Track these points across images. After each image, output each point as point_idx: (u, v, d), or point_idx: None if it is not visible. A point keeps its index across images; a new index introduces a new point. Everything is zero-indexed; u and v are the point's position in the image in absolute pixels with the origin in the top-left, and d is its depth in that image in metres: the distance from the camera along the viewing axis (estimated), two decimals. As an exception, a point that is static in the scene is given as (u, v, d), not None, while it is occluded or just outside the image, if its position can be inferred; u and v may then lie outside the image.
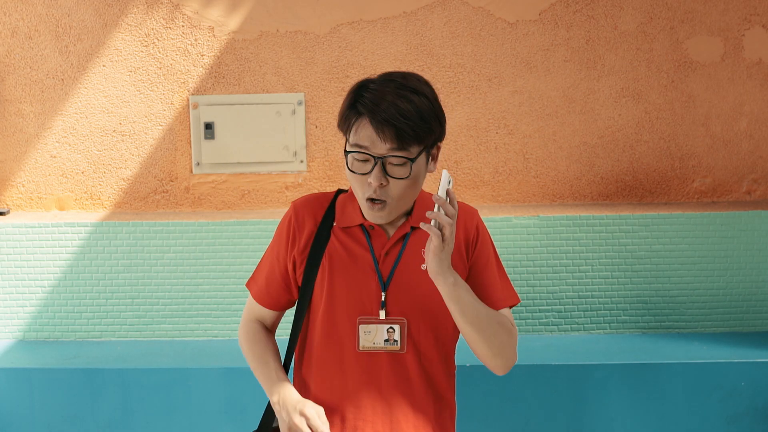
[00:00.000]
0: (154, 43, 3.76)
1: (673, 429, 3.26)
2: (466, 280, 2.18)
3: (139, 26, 3.75)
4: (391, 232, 2.18)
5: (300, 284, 2.22)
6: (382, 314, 2.12)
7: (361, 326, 2.13)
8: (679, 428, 3.26)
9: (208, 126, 3.77)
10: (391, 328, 2.12)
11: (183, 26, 3.75)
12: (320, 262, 2.18)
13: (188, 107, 3.78)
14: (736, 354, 3.32)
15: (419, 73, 3.75)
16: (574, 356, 3.33)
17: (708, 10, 3.75)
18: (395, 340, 2.12)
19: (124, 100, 3.78)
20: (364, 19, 3.75)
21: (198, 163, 3.80)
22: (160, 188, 3.82)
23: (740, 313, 3.59)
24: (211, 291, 3.59)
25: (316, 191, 3.81)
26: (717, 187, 3.83)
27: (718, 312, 3.58)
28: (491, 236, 2.28)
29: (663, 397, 3.25)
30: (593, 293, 3.58)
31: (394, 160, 2.03)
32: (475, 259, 2.19)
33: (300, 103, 3.77)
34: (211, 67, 3.76)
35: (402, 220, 2.18)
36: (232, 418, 3.26)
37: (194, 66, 3.77)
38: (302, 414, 2.09)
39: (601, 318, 3.58)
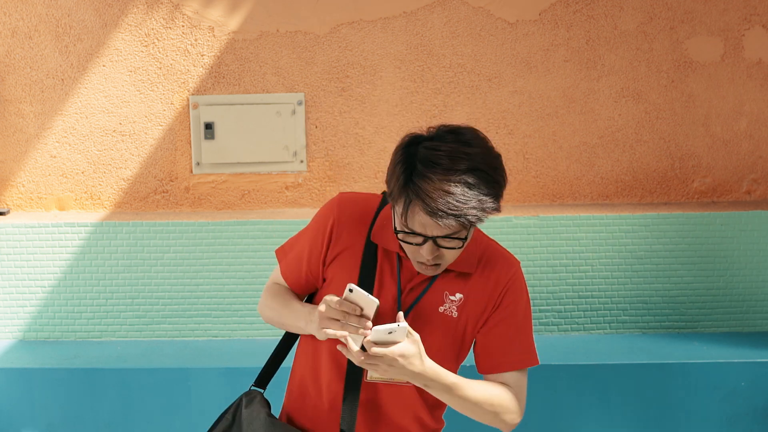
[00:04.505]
0: (154, 43, 3.76)
1: (673, 429, 3.26)
2: (478, 334, 2.15)
3: (139, 26, 3.75)
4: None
5: (325, 280, 2.21)
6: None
7: None
8: (679, 428, 3.26)
9: (208, 126, 3.77)
10: None
11: (183, 26, 3.75)
12: (346, 269, 2.16)
13: (188, 107, 3.78)
14: (736, 354, 3.32)
15: (419, 73, 3.77)
16: (574, 356, 3.33)
17: (708, 10, 3.75)
18: None
19: (124, 100, 3.78)
20: (364, 19, 3.75)
21: (198, 163, 3.80)
22: (160, 188, 3.82)
23: (740, 313, 3.59)
24: (211, 291, 3.59)
25: (317, 191, 3.82)
26: (717, 187, 3.83)
27: (718, 312, 3.58)
28: (527, 291, 2.20)
29: (663, 397, 3.25)
30: (593, 293, 3.58)
31: (448, 240, 2.00)
32: (494, 317, 2.14)
33: (300, 103, 3.77)
34: (211, 67, 3.76)
35: None
36: (232, 418, 3.26)
37: (194, 66, 3.77)
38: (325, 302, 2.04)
39: (601, 318, 3.58)
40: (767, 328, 3.59)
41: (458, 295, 2.13)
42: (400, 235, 2.02)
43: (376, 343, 1.93)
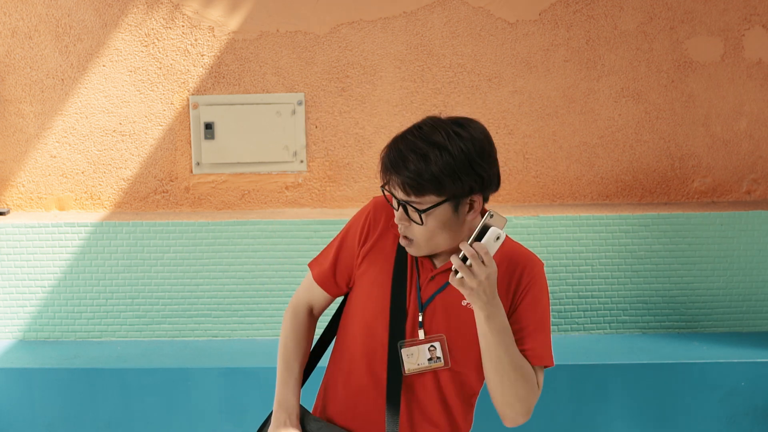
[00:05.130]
0: (154, 43, 3.76)
1: (673, 429, 3.26)
2: None
3: (139, 26, 3.75)
4: (438, 263, 2.21)
5: (352, 286, 2.29)
6: (421, 334, 2.15)
7: (403, 350, 2.16)
8: (679, 428, 3.26)
9: (208, 126, 3.77)
10: (432, 346, 2.15)
11: (183, 26, 3.75)
12: (377, 264, 2.23)
13: (188, 107, 3.78)
14: (736, 354, 3.32)
15: (419, 73, 3.77)
16: (574, 356, 3.33)
17: (708, 10, 3.75)
18: (438, 357, 2.15)
19: (124, 100, 3.78)
20: (364, 19, 3.75)
21: (198, 163, 3.80)
22: (160, 188, 3.82)
23: (740, 313, 3.59)
24: (211, 291, 3.59)
25: (317, 191, 3.82)
26: (717, 187, 3.83)
27: (718, 312, 3.58)
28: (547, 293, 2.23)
29: (663, 397, 3.25)
30: (593, 293, 3.58)
31: (410, 208, 2.09)
32: (518, 312, 2.17)
33: (300, 103, 3.77)
34: (211, 67, 3.76)
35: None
36: (231, 418, 3.26)
37: (194, 66, 3.77)
38: None
39: (601, 318, 3.58)
40: (767, 328, 3.59)
41: None
42: (385, 194, 2.13)
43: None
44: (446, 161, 2.04)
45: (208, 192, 3.82)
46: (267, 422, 2.34)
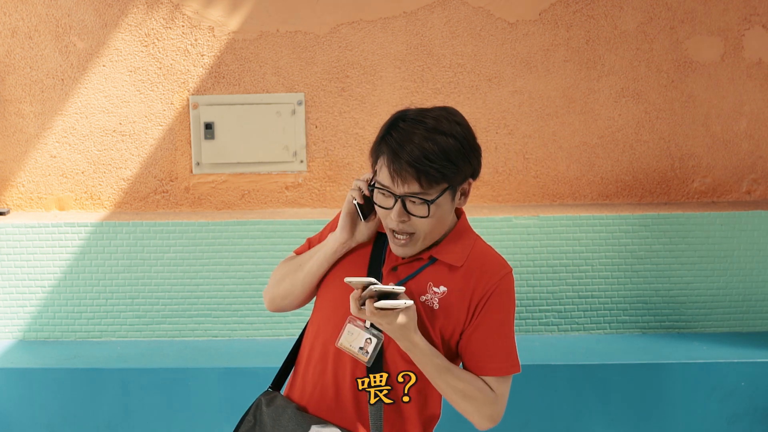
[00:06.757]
0: (154, 43, 3.76)
1: (673, 429, 3.26)
2: (462, 337, 2.14)
3: (139, 26, 3.75)
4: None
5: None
6: (368, 322, 2.11)
7: (348, 324, 2.13)
8: (679, 428, 3.26)
9: (208, 126, 3.77)
10: (369, 338, 2.11)
11: (183, 26, 3.75)
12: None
13: (188, 107, 3.78)
14: (736, 354, 3.32)
15: (419, 73, 3.77)
16: (574, 356, 3.33)
17: (708, 10, 3.75)
18: (367, 352, 2.11)
19: (124, 100, 3.79)
20: (364, 19, 3.75)
21: (198, 163, 3.80)
22: (160, 188, 3.82)
23: (740, 313, 3.59)
24: (211, 291, 3.59)
25: (317, 191, 3.82)
26: (717, 187, 3.83)
27: (718, 312, 3.58)
28: (514, 297, 2.18)
29: (663, 397, 3.25)
30: (593, 293, 3.58)
31: (414, 200, 2.05)
32: (477, 320, 2.12)
33: (300, 103, 3.77)
34: (211, 67, 3.76)
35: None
36: (231, 418, 3.26)
37: (194, 66, 3.77)
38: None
39: (601, 318, 3.58)
40: (767, 328, 3.59)
41: (442, 288, 2.13)
42: (375, 192, 2.09)
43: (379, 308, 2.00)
44: (455, 146, 2.05)
45: (208, 192, 3.83)
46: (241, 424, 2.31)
